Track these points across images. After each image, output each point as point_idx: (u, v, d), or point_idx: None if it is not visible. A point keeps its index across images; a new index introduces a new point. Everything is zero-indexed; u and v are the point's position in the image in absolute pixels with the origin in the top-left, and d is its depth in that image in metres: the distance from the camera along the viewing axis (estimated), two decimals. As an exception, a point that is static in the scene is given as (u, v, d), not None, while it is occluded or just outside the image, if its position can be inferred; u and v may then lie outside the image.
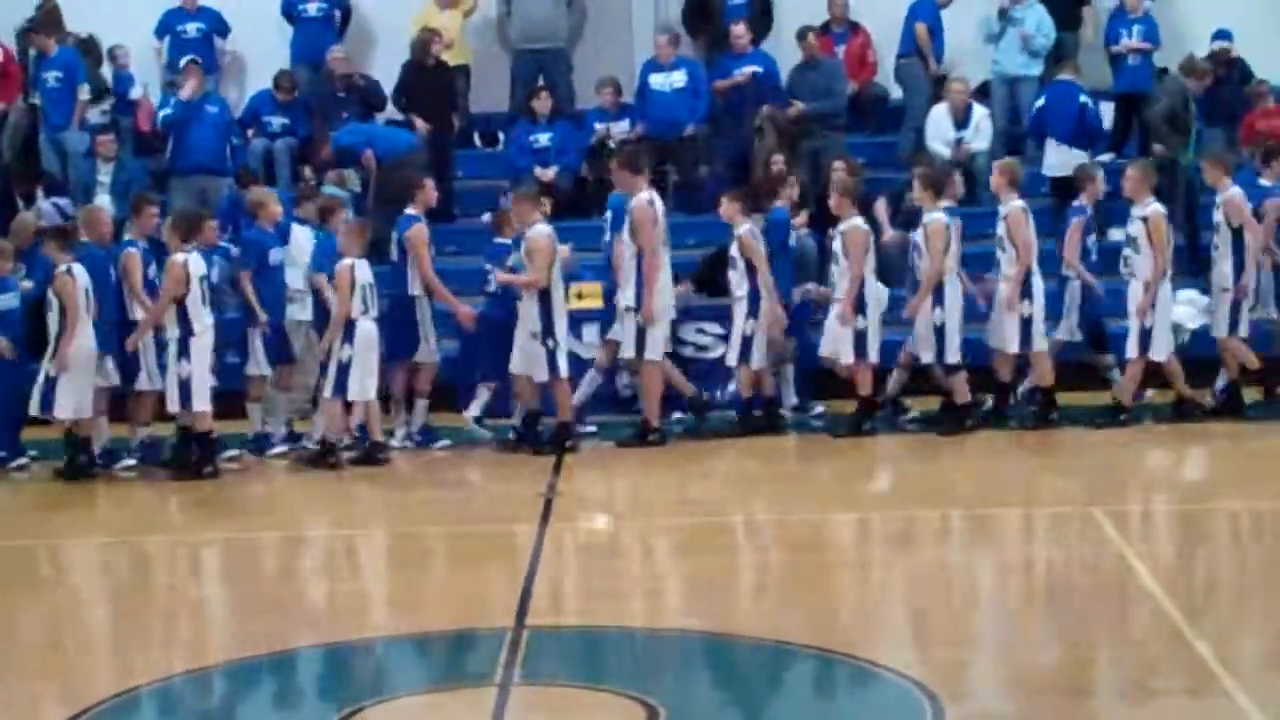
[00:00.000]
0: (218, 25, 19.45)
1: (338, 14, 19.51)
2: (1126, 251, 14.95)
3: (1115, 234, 15.74)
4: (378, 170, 17.41)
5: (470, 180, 18.78)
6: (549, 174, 18.00)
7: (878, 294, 15.43)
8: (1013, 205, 15.02)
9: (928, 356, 14.90)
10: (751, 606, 10.76)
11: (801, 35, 18.34)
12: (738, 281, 14.91)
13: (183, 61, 18.23)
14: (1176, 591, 10.34)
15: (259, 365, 14.67)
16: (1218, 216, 15.30)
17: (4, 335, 14.40)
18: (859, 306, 14.82)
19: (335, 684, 9.72)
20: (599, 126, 18.27)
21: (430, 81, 18.26)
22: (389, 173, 17.08)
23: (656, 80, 18.14)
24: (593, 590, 11.18)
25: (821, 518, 12.76)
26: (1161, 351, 14.83)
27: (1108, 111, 18.47)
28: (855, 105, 18.73)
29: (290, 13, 19.45)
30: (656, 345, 14.69)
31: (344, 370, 14.08)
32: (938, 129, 17.93)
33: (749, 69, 18.21)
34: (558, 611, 10.56)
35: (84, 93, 18.35)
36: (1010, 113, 18.61)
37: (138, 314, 14.26)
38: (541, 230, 14.46)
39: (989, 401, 15.18)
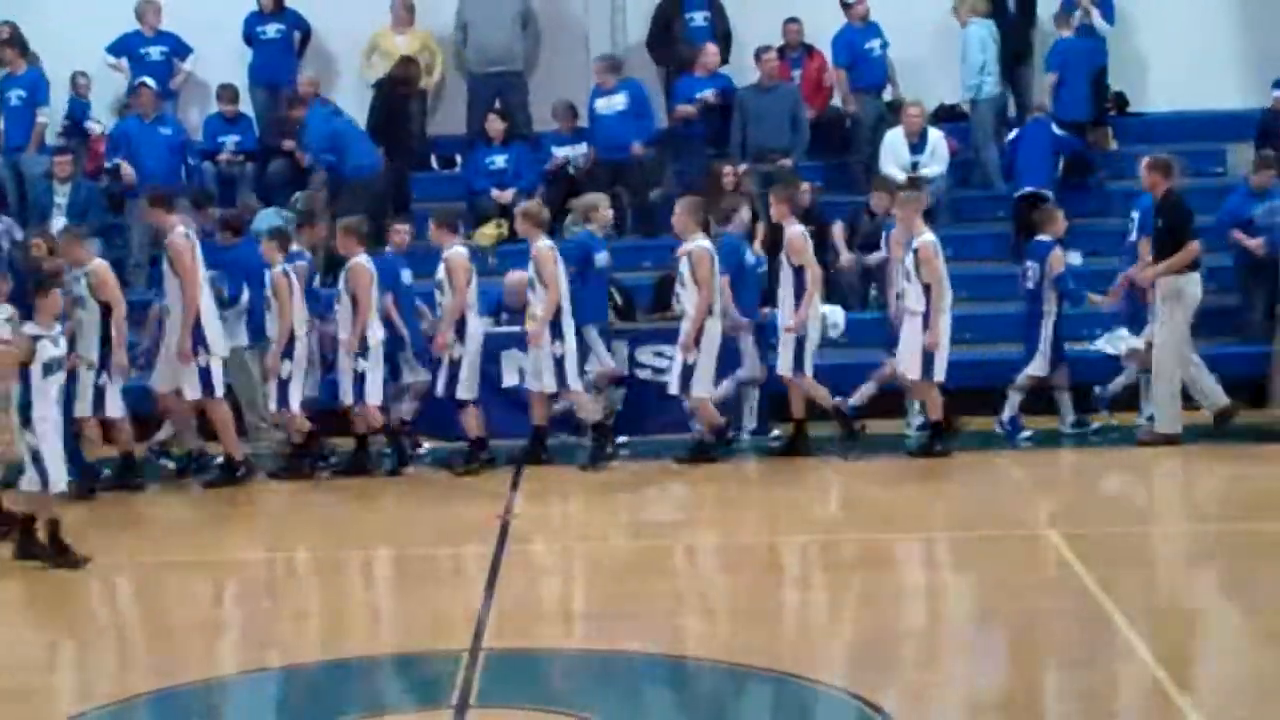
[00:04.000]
0: (178, 48, 19.42)
1: (297, 35, 19.50)
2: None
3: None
4: (339, 190, 17.41)
5: (427, 203, 18.76)
6: (506, 196, 18.06)
7: (834, 317, 15.52)
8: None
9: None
10: (707, 629, 10.78)
11: (758, 56, 18.39)
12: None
13: (134, 83, 18.20)
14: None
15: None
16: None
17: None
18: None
19: (291, 707, 9.71)
20: (557, 152, 18.31)
21: (395, 107, 18.32)
22: (350, 197, 17.13)
23: (600, 104, 18.23)
24: (549, 613, 11.20)
25: (777, 540, 12.79)
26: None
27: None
28: (811, 129, 18.77)
29: (249, 35, 19.44)
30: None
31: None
32: (893, 153, 17.97)
33: (709, 92, 18.25)
34: (514, 634, 10.55)
35: (43, 114, 18.33)
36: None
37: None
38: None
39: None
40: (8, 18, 18.87)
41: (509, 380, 15.51)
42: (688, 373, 14.67)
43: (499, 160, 18.36)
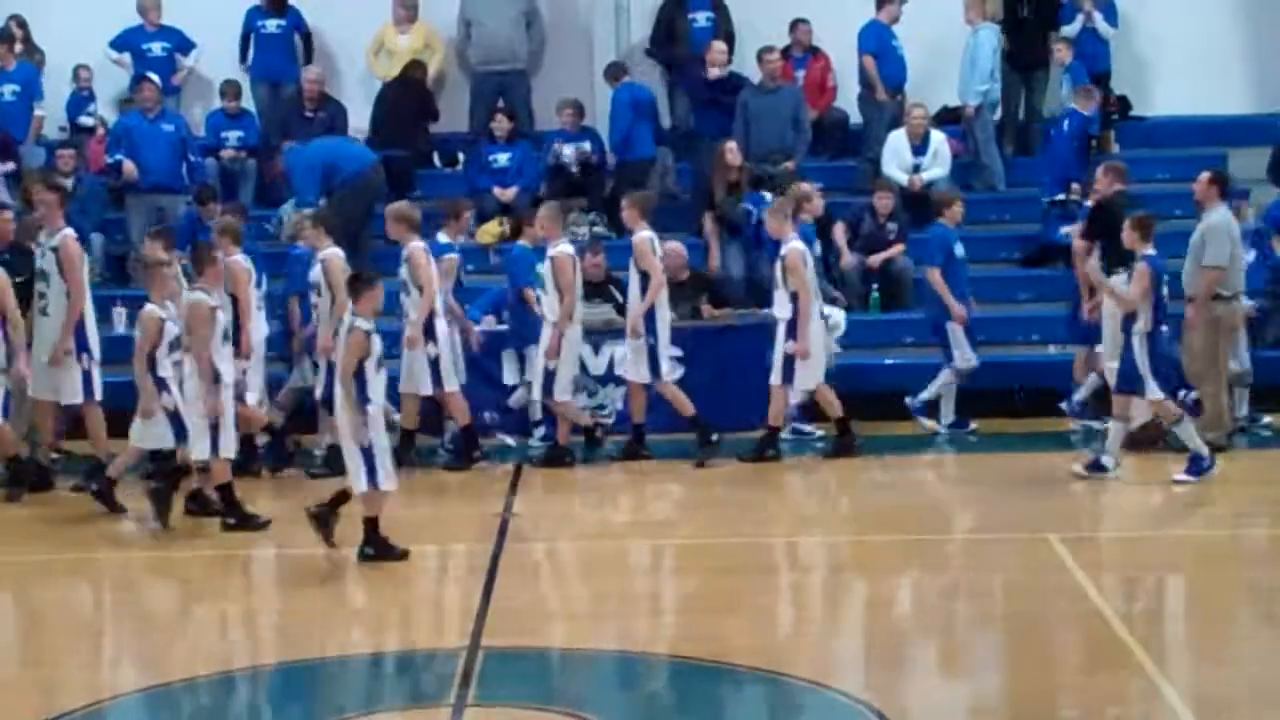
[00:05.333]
0: (181, 43, 19.41)
1: (297, 33, 19.49)
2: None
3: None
4: (340, 189, 17.40)
5: (430, 200, 18.76)
6: (508, 194, 18.08)
7: (835, 318, 15.51)
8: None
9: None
10: (707, 628, 10.76)
11: (760, 56, 18.38)
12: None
13: (138, 78, 18.18)
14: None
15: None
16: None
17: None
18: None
19: (287, 704, 9.70)
20: (556, 147, 18.33)
21: (408, 104, 18.33)
22: (350, 194, 17.14)
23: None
24: (548, 611, 11.19)
25: (776, 541, 12.78)
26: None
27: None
28: (814, 130, 18.76)
29: (250, 30, 19.43)
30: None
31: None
32: (896, 155, 17.97)
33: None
34: (513, 632, 10.54)
35: (40, 109, 18.32)
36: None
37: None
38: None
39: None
40: (11, 12, 18.86)
41: (509, 378, 15.50)
42: (549, 378, 14.62)
43: (502, 158, 18.37)
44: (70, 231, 14.40)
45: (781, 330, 14.69)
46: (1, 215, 15.08)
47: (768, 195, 16.83)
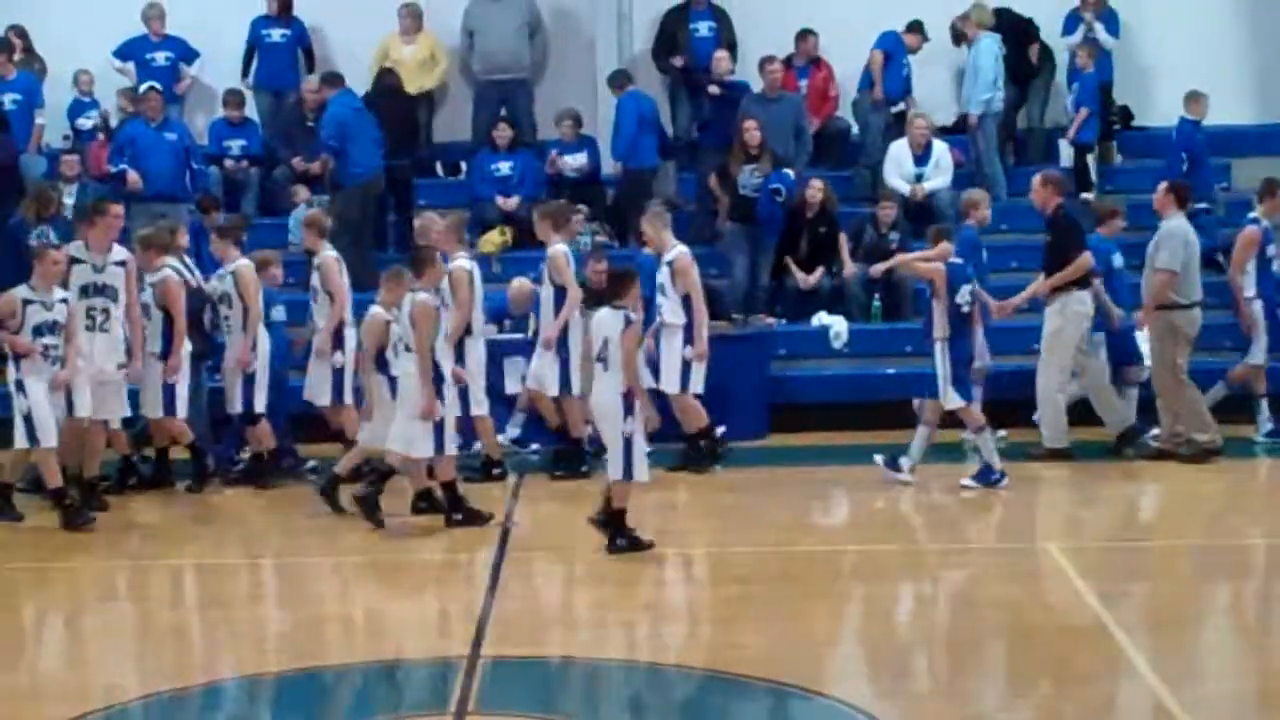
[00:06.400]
0: (184, 53, 19.44)
1: (299, 44, 19.51)
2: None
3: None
4: (339, 195, 17.42)
5: (432, 209, 18.75)
6: (511, 203, 18.10)
7: (838, 327, 15.52)
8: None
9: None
10: (707, 638, 10.76)
11: (762, 66, 18.40)
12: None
13: (142, 88, 18.20)
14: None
15: None
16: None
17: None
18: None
19: (288, 713, 9.69)
20: (553, 157, 18.32)
21: (394, 111, 18.27)
22: (344, 199, 17.16)
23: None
24: (550, 620, 11.18)
25: (780, 550, 12.78)
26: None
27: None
28: (816, 140, 18.79)
29: (255, 39, 19.45)
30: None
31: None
32: (897, 165, 17.99)
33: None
34: (515, 641, 10.54)
35: (41, 116, 18.34)
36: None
37: None
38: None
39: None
40: (13, 21, 18.90)
41: (511, 387, 15.51)
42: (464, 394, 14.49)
43: (504, 167, 18.40)
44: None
45: (677, 338, 14.61)
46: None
47: (790, 172, 16.90)
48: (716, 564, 12.53)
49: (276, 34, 19.41)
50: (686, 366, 14.62)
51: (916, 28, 18.84)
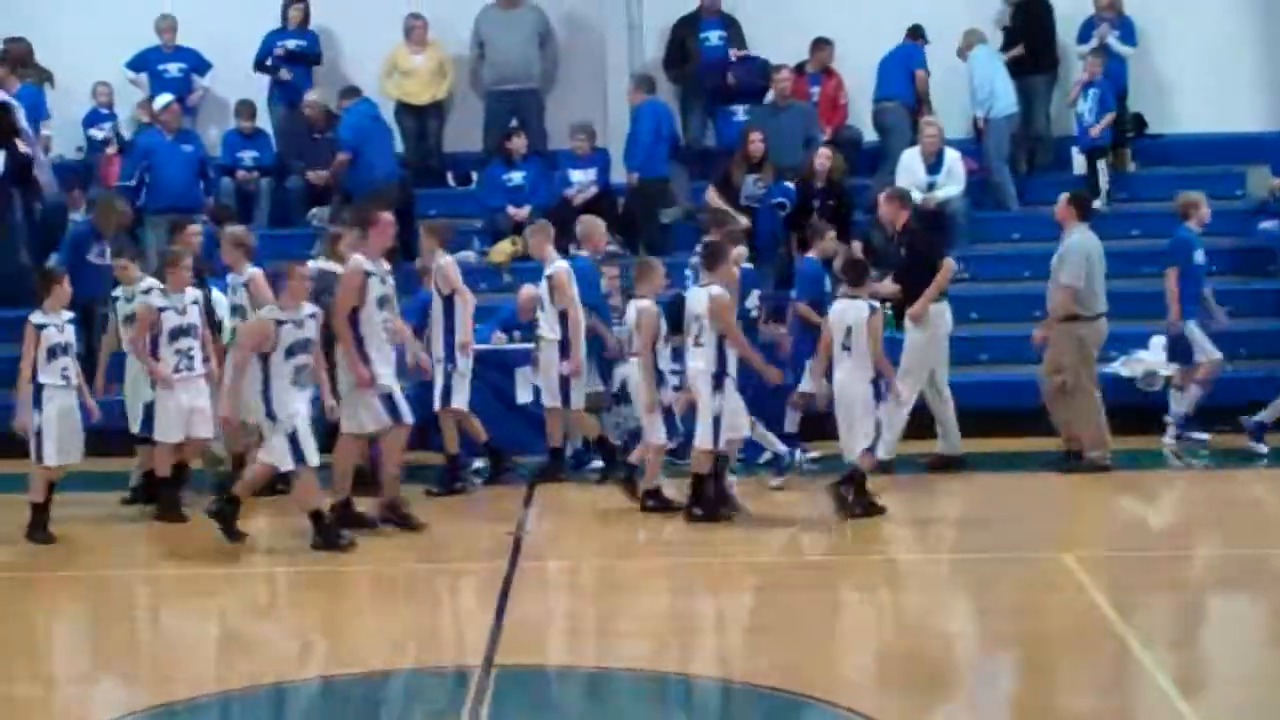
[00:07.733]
0: (197, 64, 19.47)
1: (308, 57, 19.53)
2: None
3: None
4: (350, 200, 17.42)
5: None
6: (522, 213, 18.09)
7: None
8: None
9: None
10: (719, 647, 10.73)
11: (771, 74, 18.35)
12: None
13: (159, 103, 18.18)
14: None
15: None
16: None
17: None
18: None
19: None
20: (573, 178, 18.23)
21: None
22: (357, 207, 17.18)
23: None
24: (562, 630, 11.15)
25: (789, 560, 12.75)
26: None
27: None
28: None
29: (268, 51, 19.45)
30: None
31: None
32: (909, 173, 17.93)
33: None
34: (527, 651, 10.50)
35: (46, 128, 18.36)
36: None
37: None
38: (256, 272, 14.32)
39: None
40: (22, 34, 18.91)
41: (523, 397, 15.48)
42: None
43: (516, 177, 18.39)
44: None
45: (554, 352, 14.61)
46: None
47: (792, 185, 16.86)
48: (731, 573, 12.49)
49: (291, 45, 19.40)
50: (565, 381, 14.61)
51: (917, 32, 18.80)
